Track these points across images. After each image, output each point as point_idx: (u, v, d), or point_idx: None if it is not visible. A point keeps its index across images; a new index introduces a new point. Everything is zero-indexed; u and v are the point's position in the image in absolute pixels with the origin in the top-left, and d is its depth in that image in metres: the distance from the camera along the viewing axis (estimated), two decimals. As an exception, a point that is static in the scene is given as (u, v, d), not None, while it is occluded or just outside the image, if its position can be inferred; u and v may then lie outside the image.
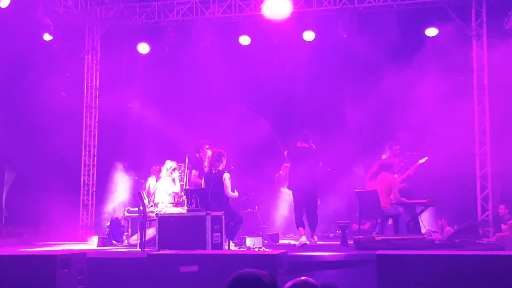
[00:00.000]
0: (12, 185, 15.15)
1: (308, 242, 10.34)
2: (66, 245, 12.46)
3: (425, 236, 9.67)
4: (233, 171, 12.83)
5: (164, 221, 8.94)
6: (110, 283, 7.79)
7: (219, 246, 8.68)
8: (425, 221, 12.30)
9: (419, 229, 11.31)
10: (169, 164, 11.06)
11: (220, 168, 9.74)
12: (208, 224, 8.64)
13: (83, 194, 14.80)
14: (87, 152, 14.97)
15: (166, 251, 8.07)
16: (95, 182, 14.92)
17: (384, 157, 11.94)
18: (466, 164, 12.68)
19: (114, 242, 12.26)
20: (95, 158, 14.99)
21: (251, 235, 11.19)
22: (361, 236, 9.73)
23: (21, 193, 14.41)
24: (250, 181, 13.47)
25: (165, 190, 10.81)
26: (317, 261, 8.18)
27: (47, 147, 14.20)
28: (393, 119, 13.99)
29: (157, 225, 8.97)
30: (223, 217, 8.91)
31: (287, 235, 13.30)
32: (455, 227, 11.72)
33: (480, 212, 12.45)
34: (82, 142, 14.96)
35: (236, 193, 9.78)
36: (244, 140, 14.59)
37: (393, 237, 9.17)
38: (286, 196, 13.80)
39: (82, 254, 7.35)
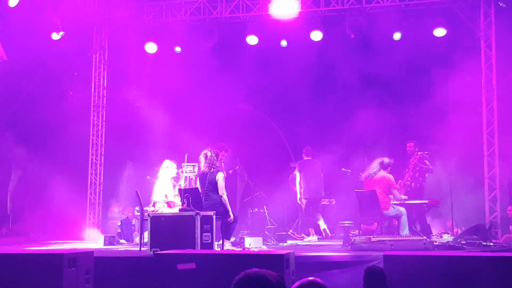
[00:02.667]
0: (19, 183, 15.18)
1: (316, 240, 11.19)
2: (73, 244, 12.48)
3: (423, 237, 9.52)
4: (238, 171, 12.85)
5: (156, 220, 8.94)
6: (117, 282, 7.79)
7: (209, 246, 8.61)
8: (437, 223, 12.26)
9: (428, 230, 11.25)
10: (166, 163, 11.02)
11: (217, 168, 9.69)
12: (198, 223, 8.59)
13: (90, 193, 14.84)
14: (94, 151, 15.01)
15: (174, 251, 8.06)
16: (102, 181, 14.96)
17: None
18: (475, 165, 12.63)
19: (121, 241, 12.30)
20: (102, 157, 15.03)
21: (257, 235, 11.21)
22: (357, 237, 9.66)
23: (28, 192, 14.44)
24: (256, 181, 13.49)
25: (163, 189, 10.79)
26: (322, 261, 8.14)
27: (54, 146, 14.22)
28: (401, 118, 13.97)
29: (149, 224, 8.96)
30: (214, 217, 8.86)
31: (297, 235, 13.28)
32: (463, 228, 11.66)
33: (488, 213, 12.40)
34: (90, 141, 15.00)
35: (225, 197, 9.68)
36: (251, 139, 14.59)
37: (389, 238, 9.05)
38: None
39: (89, 252, 7.34)
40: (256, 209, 12.23)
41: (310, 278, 3.42)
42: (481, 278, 5.99)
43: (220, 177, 9.56)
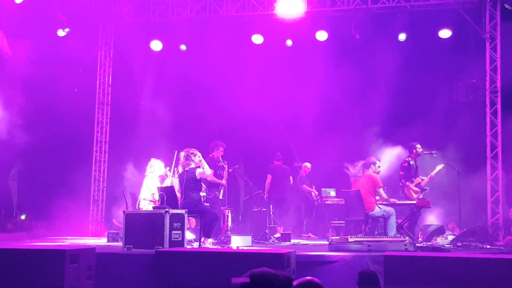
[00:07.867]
0: (24, 179, 15.25)
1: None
2: (77, 240, 12.53)
3: (406, 238, 9.35)
4: (237, 170, 12.86)
5: (130, 218, 8.99)
6: (118, 278, 7.82)
7: (180, 243, 8.62)
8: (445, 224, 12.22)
9: (413, 231, 11.07)
10: (152, 162, 11.04)
11: (193, 166, 9.70)
12: (167, 221, 8.63)
13: (94, 190, 14.88)
14: (98, 148, 15.05)
15: (177, 248, 8.11)
16: (105, 178, 15.00)
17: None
18: (477, 167, 12.61)
19: None
20: (106, 154, 15.06)
21: (258, 234, 11.27)
22: (336, 237, 9.62)
23: (32, 188, 14.52)
24: (259, 180, 13.50)
25: (148, 188, 10.81)
26: (322, 261, 8.12)
27: (59, 142, 14.29)
28: (405, 119, 13.97)
29: (124, 221, 9.00)
30: (186, 215, 8.88)
31: (303, 235, 13.31)
32: (464, 229, 11.63)
33: (490, 215, 12.37)
34: (94, 138, 15.04)
35: (209, 171, 9.82)
36: (255, 139, 14.61)
37: (367, 239, 8.94)
38: (306, 196, 13.80)
39: (91, 249, 7.38)
40: (259, 208, 12.21)
41: (308, 277, 3.44)
42: (483, 279, 6.01)
43: (198, 172, 9.58)
